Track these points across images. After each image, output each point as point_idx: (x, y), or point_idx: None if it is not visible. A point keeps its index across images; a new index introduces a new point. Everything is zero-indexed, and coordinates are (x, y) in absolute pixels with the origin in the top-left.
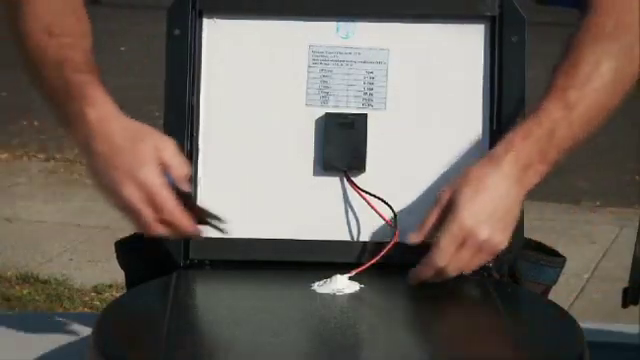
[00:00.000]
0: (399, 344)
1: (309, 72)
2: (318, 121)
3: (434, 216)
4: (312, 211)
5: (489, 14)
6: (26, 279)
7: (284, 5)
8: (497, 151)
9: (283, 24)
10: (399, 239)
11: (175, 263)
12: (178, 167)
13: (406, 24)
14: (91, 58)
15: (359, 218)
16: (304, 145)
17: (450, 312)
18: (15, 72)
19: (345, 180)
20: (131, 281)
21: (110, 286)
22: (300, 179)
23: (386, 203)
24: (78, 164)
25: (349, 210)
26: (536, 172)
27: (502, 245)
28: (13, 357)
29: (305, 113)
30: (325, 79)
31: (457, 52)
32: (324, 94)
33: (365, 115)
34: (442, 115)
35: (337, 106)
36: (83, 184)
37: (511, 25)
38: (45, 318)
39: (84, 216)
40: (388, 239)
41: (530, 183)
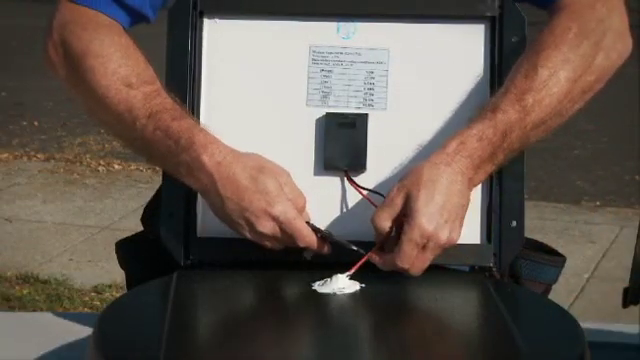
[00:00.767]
0: (399, 344)
1: (310, 72)
2: (319, 121)
3: (388, 221)
4: (313, 210)
5: (489, 14)
6: (26, 279)
7: (285, 5)
8: (450, 149)
9: (284, 24)
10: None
11: (175, 263)
12: (297, 200)
13: (406, 24)
14: (175, 100)
15: (360, 217)
16: (305, 145)
17: (450, 312)
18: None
19: (346, 180)
20: (131, 281)
21: (110, 286)
22: (301, 179)
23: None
24: (78, 164)
25: (350, 209)
26: (485, 172)
27: (457, 239)
28: (13, 357)
29: (306, 113)
30: (326, 79)
31: (457, 52)
32: (325, 94)
33: (366, 115)
34: (442, 115)
35: (337, 106)
36: (83, 184)
37: (511, 25)
38: (45, 318)
39: (84, 216)
40: None
41: (478, 181)
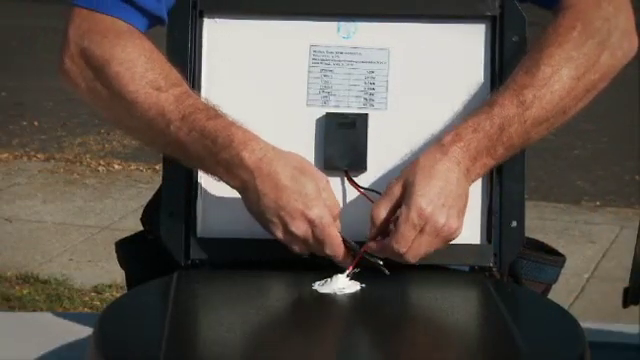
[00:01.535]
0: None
1: (310, 72)
2: (319, 121)
3: (385, 209)
4: None
5: (490, 14)
6: (26, 279)
7: (285, 5)
8: (446, 140)
9: (284, 24)
10: None
11: (175, 263)
12: (333, 207)
13: (407, 24)
14: (207, 100)
15: (360, 217)
16: (305, 145)
17: (451, 312)
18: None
19: (346, 180)
20: (131, 281)
21: (110, 286)
22: None
23: None
24: (78, 164)
25: (350, 209)
26: (483, 165)
27: (458, 232)
28: (13, 357)
29: (306, 113)
30: (326, 79)
31: (458, 52)
32: (325, 94)
33: (366, 115)
34: (443, 115)
35: (338, 106)
36: (83, 184)
37: (512, 25)
38: (45, 318)
39: (84, 216)
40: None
41: (477, 174)
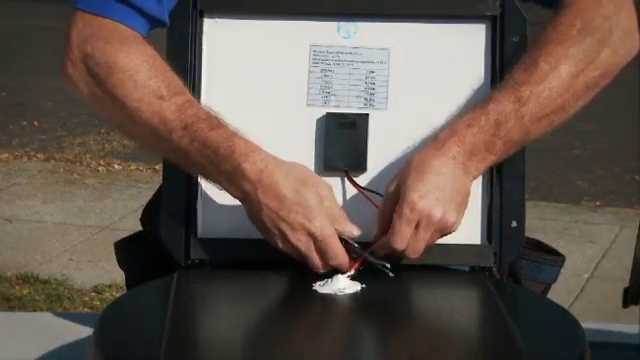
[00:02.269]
0: (399, 344)
1: (310, 72)
2: (319, 121)
3: (385, 210)
4: None
5: (490, 14)
6: (26, 279)
7: (285, 5)
8: (440, 136)
9: (284, 24)
10: None
11: (175, 263)
12: (337, 215)
13: (407, 24)
14: (209, 108)
15: (360, 217)
16: (305, 145)
17: (451, 312)
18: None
19: (346, 180)
20: (130, 281)
21: (110, 286)
22: None
23: None
24: (78, 164)
25: (350, 209)
26: (482, 160)
27: (456, 226)
28: (13, 357)
29: (306, 113)
30: (326, 79)
31: (458, 52)
32: (325, 94)
33: (366, 115)
34: (443, 115)
35: (338, 106)
36: (83, 184)
37: (512, 25)
38: (45, 318)
39: (84, 216)
40: None
41: (476, 169)
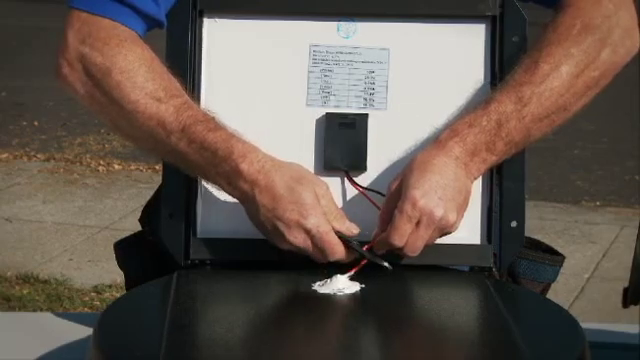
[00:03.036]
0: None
1: (310, 72)
2: (319, 121)
3: (387, 208)
4: None
5: (490, 14)
6: (26, 279)
7: (285, 5)
8: (442, 137)
9: (284, 24)
10: None
11: (175, 263)
12: (334, 212)
13: (407, 24)
14: (207, 110)
15: (360, 217)
16: (305, 145)
17: (450, 312)
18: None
19: (346, 180)
20: (130, 282)
21: (110, 286)
22: None
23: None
24: (78, 164)
25: (350, 209)
26: (483, 160)
27: (456, 226)
28: (13, 357)
29: (306, 113)
30: (326, 79)
31: (458, 52)
32: (325, 94)
33: (366, 115)
34: (443, 115)
35: (338, 106)
36: (83, 184)
37: (512, 25)
38: (45, 318)
39: (84, 216)
40: None
41: (477, 170)
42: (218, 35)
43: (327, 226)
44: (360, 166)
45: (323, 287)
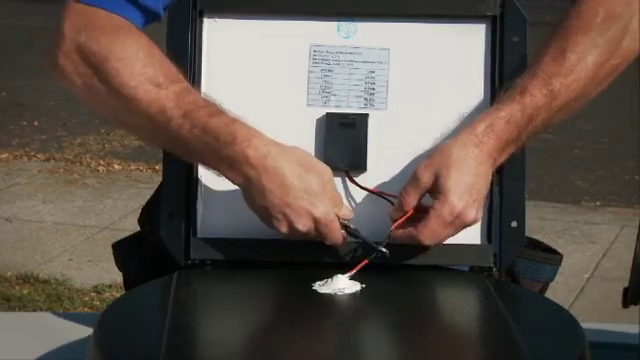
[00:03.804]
0: (399, 344)
1: (310, 72)
2: (319, 121)
3: (414, 195)
4: None
5: (490, 14)
6: (26, 279)
7: (285, 5)
8: (479, 130)
9: (284, 24)
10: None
11: (174, 263)
12: (337, 199)
13: (407, 24)
14: (207, 96)
15: (360, 217)
16: (305, 145)
17: (450, 312)
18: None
19: (347, 180)
20: (129, 282)
21: (110, 286)
22: None
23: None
24: (78, 164)
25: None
26: (508, 153)
27: (478, 221)
28: (13, 357)
29: (306, 113)
30: (326, 79)
31: (458, 52)
32: (325, 94)
33: (366, 115)
34: (443, 115)
35: (338, 106)
36: (83, 184)
37: (512, 25)
38: (45, 318)
39: (84, 216)
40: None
41: (500, 162)
42: (218, 35)
43: (333, 214)
44: (360, 166)
45: (323, 287)
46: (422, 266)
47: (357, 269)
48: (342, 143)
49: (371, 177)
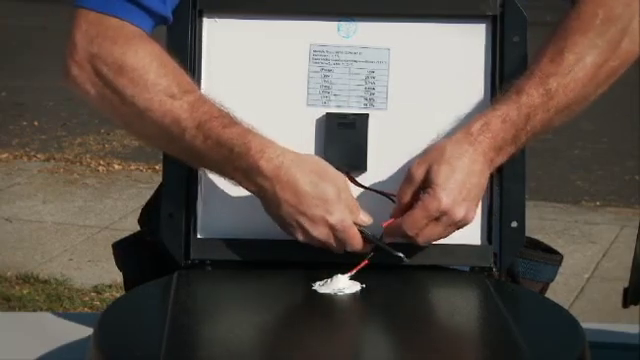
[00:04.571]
0: (399, 344)
1: (310, 72)
2: (319, 121)
3: (408, 192)
4: None
5: (490, 13)
6: (26, 279)
7: (285, 5)
8: (474, 129)
9: (284, 24)
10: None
11: (174, 263)
12: (352, 205)
13: (407, 24)
14: (221, 105)
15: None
16: (305, 145)
17: (450, 312)
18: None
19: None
20: (128, 282)
21: (110, 286)
22: None
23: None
24: (78, 164)
25: None
26: (506, 153)
27: (471, 221)
28: (13, 357)
29: (306, 113)
30: (326, 79)
31: (458, 51)
32: (325, 94)
33: (366, 115)
34: (443, 115)
35: (338, 106)
36: (83, 184)
37: (512, 25)
38: (45, 318)
39: (84, 216)
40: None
41: (499, 162)
42: (218, 35)
43: (349, 221)
44: (360, 166)
45: (323, 287)
46: (422, 266)
47: (357, 269)
48: (342, 143)
49: (371, 177)
